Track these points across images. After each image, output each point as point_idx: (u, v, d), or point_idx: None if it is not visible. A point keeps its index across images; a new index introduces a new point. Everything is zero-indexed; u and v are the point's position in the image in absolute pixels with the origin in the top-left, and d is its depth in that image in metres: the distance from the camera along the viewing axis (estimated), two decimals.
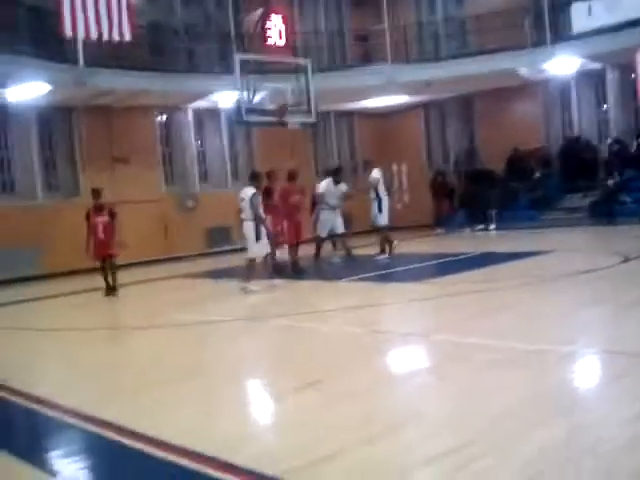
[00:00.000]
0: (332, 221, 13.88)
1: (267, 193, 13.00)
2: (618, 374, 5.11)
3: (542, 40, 19.31)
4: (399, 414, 4.66)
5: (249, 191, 11.64)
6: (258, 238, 11.52)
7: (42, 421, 5.41)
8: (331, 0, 24.20)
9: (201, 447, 4.27)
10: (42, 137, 18.55)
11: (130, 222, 18.58)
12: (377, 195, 14.35)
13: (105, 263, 12.77)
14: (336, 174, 14.39)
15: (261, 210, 11.64)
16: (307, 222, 14.44)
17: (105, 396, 5.86)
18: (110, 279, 12.74)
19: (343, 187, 14.27)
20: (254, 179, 11.96)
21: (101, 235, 12.55)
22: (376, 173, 14.50)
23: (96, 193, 12.83)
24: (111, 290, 12.67)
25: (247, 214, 11.57)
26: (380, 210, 14.20)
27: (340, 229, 14.05)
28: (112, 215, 12.82)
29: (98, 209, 12.66)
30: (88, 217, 12.65)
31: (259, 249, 11.66)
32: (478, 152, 23.17)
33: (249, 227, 11.58)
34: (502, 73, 19.60)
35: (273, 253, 12.61)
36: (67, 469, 4.37)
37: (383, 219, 14.30)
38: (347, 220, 22.35)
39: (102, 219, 12.60)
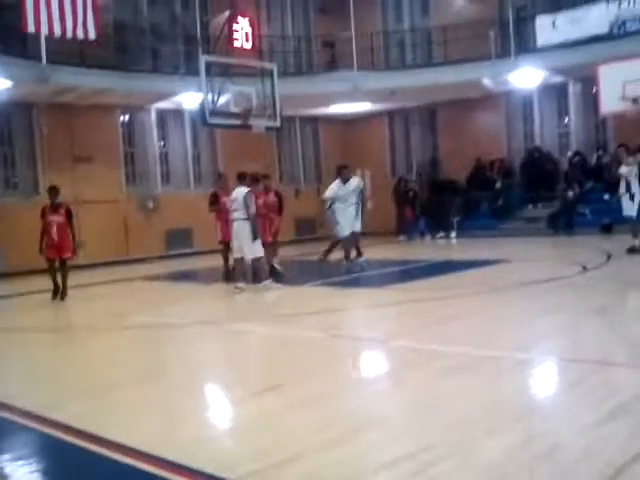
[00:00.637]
0: (351, 221, 13.51)
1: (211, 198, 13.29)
2: (574, 382, 5.17)
3: (506, 52, 19.58)
4: (358, 419, 4.65)
5: (242, 190, 11.53)
6: (255, 237, 11.40)
7: None
8: (298, 5, 24.26)
9: (159, 451, 4.21)
10: (1, 133, 18.24)
11: (90, 222, 18.43)
12: (357, 201, 13.86)
13: (54, 264, 12.08)
14: (340, 173, 13.89)
15: (254, 208, 11.50)
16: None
17: (61, 398, 5.75)
18: (60, 282, 12.09)
19: (353, 184, 13.75)
20: (244, 179, 11.85)
21: (54, 235, 11.86)
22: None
23: (53, 191, 12.15)
24: (58, 294, 12.01)
25: (241, 213, 11.43)
26: (357, 215, 13.84)
27: (357, 228, 13.71)
28: (68, 215, 12.11)
29: (54, 208, 11.98)
30: (44, 215, 11.99)
31: (260, 247, 11.59)
32: (441, 161, 23.37)
33: (245, 227, 11.41)
34: (466, 83, 19.82)
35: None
36: (19, 472, 4.27)
37: (358, 225, 13.95)
38: (311, 226, 22.41)
39: (57, 218, 11.91)
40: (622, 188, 13.32)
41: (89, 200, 18.63)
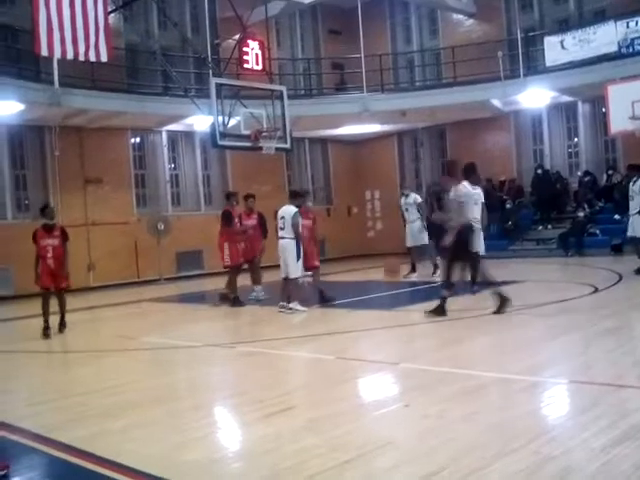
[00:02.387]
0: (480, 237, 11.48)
1: (227, 217, 12.94)
2: (586, 404, 5.13)
3: (515, 72, 19.66)
4: (370, 442, 4.63)
5: (291, 209, 11.42)
6: (299, 257, 11.35)
7: (4, 446, 5.28)
8: (307, 28, 24.48)
9: (168, 473, 4.21)
10: (13, 156, 18.40)
11: (100, 244, 18.53)
12: (420, 215, 15.22)
13: (49, 294, 10.68)
14: (471, 172, 10.87)
15: (300, 228, 11.40)
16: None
17: (70, 420, 5.75)
18: (58, 313, 10.79)
19: (479, 191, 11.59)
20: (295, 197, 11.82)
21: (50, 261, 10.53)
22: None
23: (48, 211, 10.95)
24: (48, 330, 10.48)
25: (288, 232, 11.30)
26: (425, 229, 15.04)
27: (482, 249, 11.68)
28: (64, 237, 10.81)
29: (48, 230, 10.67)
30: (35, 239, 10.64)
31: (300, 268, 11.52)
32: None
33: (290, 245, 11.27)
34: (475, 104, 19.91)
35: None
36: None
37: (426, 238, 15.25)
38: (321, 246, 22.33)
39: (53, 242, 10.59)
40: (636, 207, 13.20)
41: (100, 222, 18.75)
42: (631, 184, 13.52)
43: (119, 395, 6.57)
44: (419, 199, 15.79)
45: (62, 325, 10.87)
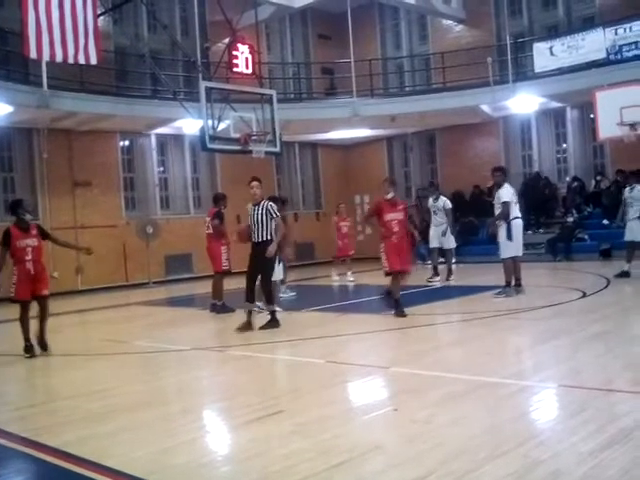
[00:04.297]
0: (520, 240, 11.84)
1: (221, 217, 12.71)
2: (575, 408, 5.14)
3: (504, 78, 19.75)
4: (358, 446, 4.62)
5: None
6: (281, 260, 11.57)
7: None
8: (297, 32, 24.53)
9: (156, 477, 4.19)
10: (1, 158, 18.33)
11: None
12: (447, 220, 15.54)
13: (28, 307, 9.20)
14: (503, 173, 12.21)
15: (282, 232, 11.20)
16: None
17: (58, 424, 5.72)
18: (37, 329, 9.26)
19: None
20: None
21: (29, 265, 8.90)
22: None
23: (25, 205, 9.29)
24: (33, 348, 9.12)
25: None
26: (444, 234, 15.48)
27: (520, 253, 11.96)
28: (44, 236, 9.30)
29: (24, 229, 9.05)
30: (7, 240, 8.95)
31: (279, 271, 11.74)
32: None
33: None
34: (465, 109, 19.99)
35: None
36: None
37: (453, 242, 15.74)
38: (311, 250, 22.30)
39: (32, 242, 8.97)
40: (635, 212, 13.26)
41: (88, 225, 18.68)
42: (628, 191, 13.54)
43: (107, 399, 6.54)
44: (449, 204, 15.70)
45: (43, 343, 9.29)
